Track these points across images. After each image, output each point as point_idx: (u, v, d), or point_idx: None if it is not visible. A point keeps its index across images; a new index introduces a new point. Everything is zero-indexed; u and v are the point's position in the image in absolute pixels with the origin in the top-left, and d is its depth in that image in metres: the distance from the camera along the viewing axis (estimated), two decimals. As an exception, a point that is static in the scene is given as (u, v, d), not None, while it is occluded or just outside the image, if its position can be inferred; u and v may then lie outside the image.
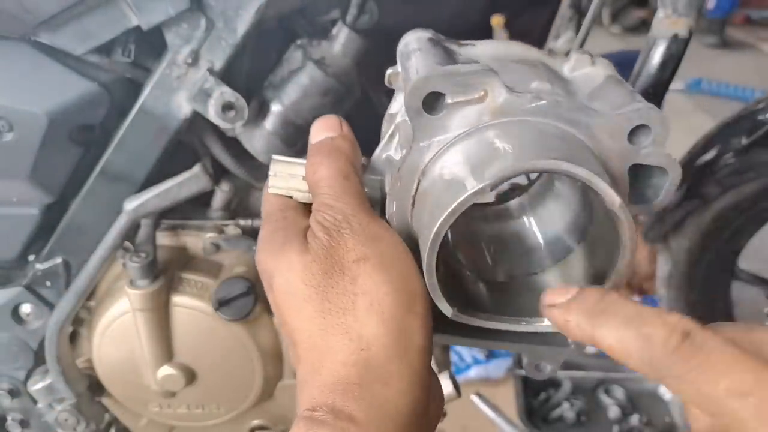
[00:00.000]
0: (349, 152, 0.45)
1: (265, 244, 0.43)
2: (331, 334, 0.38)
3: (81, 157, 0.74)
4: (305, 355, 0.39)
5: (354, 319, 0.38)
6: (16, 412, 0.90)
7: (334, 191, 0.42)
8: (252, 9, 0.66)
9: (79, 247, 0.78)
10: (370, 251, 0.39)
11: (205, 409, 0.89)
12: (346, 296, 0.38)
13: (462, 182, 0.38)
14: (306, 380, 0.38)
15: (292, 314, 0.39)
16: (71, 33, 0.68)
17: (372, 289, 0.38)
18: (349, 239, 0.40)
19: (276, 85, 0.74)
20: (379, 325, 0.38)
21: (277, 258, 0.41)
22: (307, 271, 0.39)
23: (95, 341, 0.84)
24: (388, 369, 0.37)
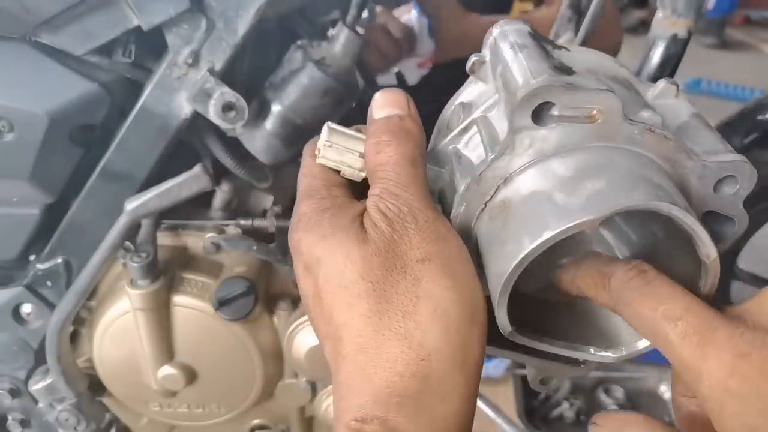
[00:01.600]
0: (418, 137, 0.40)
1: (309, 223, 0.38)
2: (387, 338, 0.34)
3: (81, 158, 0.74)
4: (353, 356, 0.35)
5: (415, 324, 0.34)
6: (16, 411, 0.90)
7: (400, 179, 0.38)
8: (252, 9, 0.66)
9: (80, 247, 0.78)
10: (435, 252, 0.36)
11: (205, 408, 0.89)
12: (408, 298, 0.35)
13: (562, 208, 0.35)
14: (352, 385, 0.35)
15: (342, 308, 0.35)
16: (72, 33, 0.68)
17: (437, 293, 0.35)
18: (413, 235, 0.36)
19: (276, 85, 0.74)
20: (442, 334, 0.34)
21: (328, 243, 0.36)
22: (366, 263, 0.35)
23: (96, 341, 0.84)
24: (448, 384, 0.34)
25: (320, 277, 0.36)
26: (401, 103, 0.41)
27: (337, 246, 0.36)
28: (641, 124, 0.37)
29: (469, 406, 0.35)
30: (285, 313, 0.83)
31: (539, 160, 0.38)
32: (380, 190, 0.38)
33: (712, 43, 4.16)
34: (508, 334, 0.39)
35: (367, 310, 0.35)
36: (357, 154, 0.41)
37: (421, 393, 0.34)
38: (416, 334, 0.34)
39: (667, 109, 0.41)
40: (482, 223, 0.40)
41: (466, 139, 0.43)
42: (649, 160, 0.38)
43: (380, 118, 0.41)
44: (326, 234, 0.37)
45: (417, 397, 0.33)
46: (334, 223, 0.37)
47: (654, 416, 0.38)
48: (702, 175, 0.38)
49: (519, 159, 0.38)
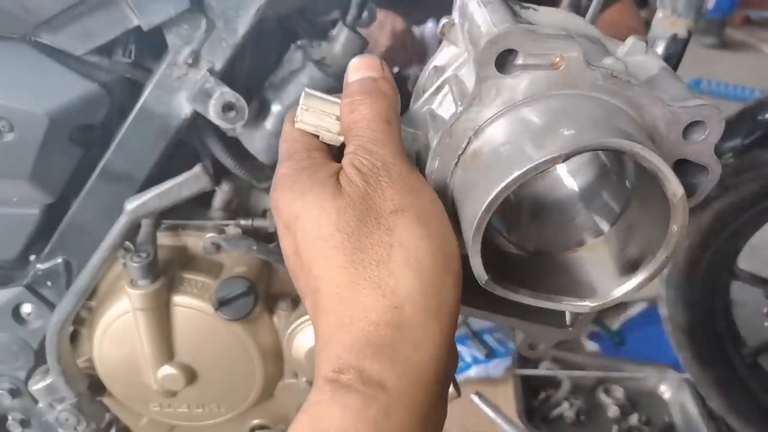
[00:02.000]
0: (391, 97, 0.41)
1: (288, 182, 0.39)
2: (362, 288, 0.35)
3: (81, 158, 0.74)
4: (330, 306, 0.36)
5: (388, 272, 0.35)
6: (16, 411, 0.90)
7: (374, 135, 0.39)
8: (252, 9, 0.66)
9: (80, 247, 0.78)
10: (409, 203, 0.37)
11: (205, 408, 0.89)
12: (382, 247, 0.36)
13: (528, 150, 0.36)
14: (330, 336, 0.35)
15: (319, 261, 0.36)
16: (72, 33, 0.68)
17: (410, 242, 0.36)
18: (387, 188, 0.37)
19: (276, 85, 0.74)
20: (415, 282, 0.35)
21: (305, 198, 0.37)
22: (341, 216, 0.36)
23: (96, 341, 0.84)
24: (421, 331, 0.35)
25: (298, 232, 0.37)
26: (375, 66, 0.42)
27: (313, 201, 0.37)
28: (603, 69, 0.38)
29: (445, 353, 0.36)
30: (285, 313, 0.83)
31: (507, 110, 0.39)
32: (355, 147, 0.39)
33: (712, 43, 4.16)
34: (484, 283, 0.40)
35: (343, 261, 0.36)
36: (334, 118, 0.42)
37: (395, 341, 0.34)
38: (390, 282, 0.35)
39: (637, 65, 0.42)
40: (456, 177, 0.41)
41: (439, 98, 0.45)
42: (614, 106, 0.39)
43: (355, 80, 0.42)
44: (304, 190, 0.38)
45: (392, 345, 0.34)
46: (312, 179, 0.38)
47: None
48: (670, 121, 0.39)
49: (488, 110, 0.39)
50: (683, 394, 1.49)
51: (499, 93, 0.39)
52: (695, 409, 1.43)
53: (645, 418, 1.46)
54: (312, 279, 0.37)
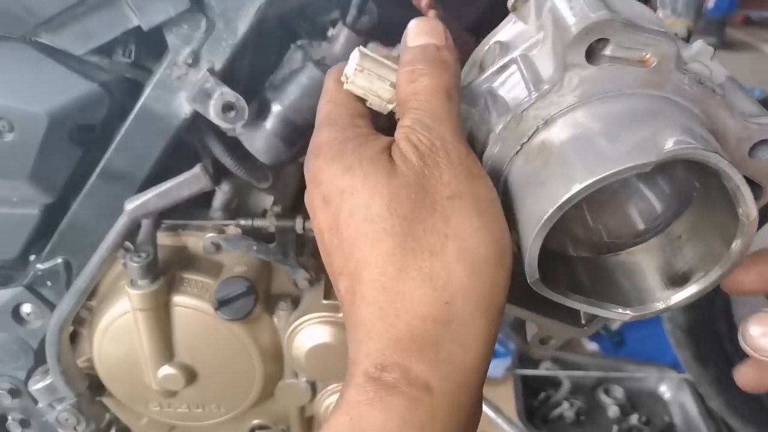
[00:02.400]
0: (454, 69, 0.37)
1: (331, 152, 0.36)
2: (411, 278, 0.32)
3: (81, 158, 0.74)
4: (373, 295, 0.33)
5: (441, 264, 0.32)
6: (16, 411, 0.90)
7: (434, 110, 0.35)
8: (252, 9, 0.66)
9: (80, 247, 0.78)
10: (466, 190, 0.34)
11: (205, 408, 0.89)
12: (436, 236, 0.33)
13: (617, 151, 0.33)
14: (372, 327, 0.33)
15: (364, 244, 0.33)
16: (72, 33, 0.68)
17: (466, 232, 0.33)
18: (445, 170, 0.34)
19: (276, 85, 0.74)
20: (469, 276, 0.32)
21: (354, 174, 0.34)
22: (394, 197, 0.33)
23: (96, 341, 0.84)
24: (471, 329, 0.32)
25: (343, 210, 0.34)
26: (438, 32, 0.38)
27: (363, 178, 0.34)
28: (693, 74, 0.36)
29: (489, 353, 0.34)
30: (285, 313, 0.83)
31: (586, 102, 0.36)
32: (412, 120, 0.35)
33: (712, 43, 4.14)
34: (533, 282, 0.37)
35: (392, 247, 0.33)
36: (387, 83, 0.38)
37: (442, 339, 0.32)
38: (442, 275, 0.32)
39: (704, 71, 0.40)
40: (515, 165, 0.38)
41: (502, 78, 0.41)
42: (693, 113, 0.37)
43: (416, 46, 0.38)
44: (352, 165, 0.35)
45: (439, 343, 0.32)
46: (361, 154, 0.35)
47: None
48: (741, 137, 0.37)
49: (565, 99, 0.36)
50: (683, 394, 1.49)
51: (581, 84, 0.36)
52: (695, 409, 1.43)
53: (645, 418, 1.46)
54: (353, 262, 0.34)
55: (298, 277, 0.83)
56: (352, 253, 0.34)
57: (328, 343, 0.81)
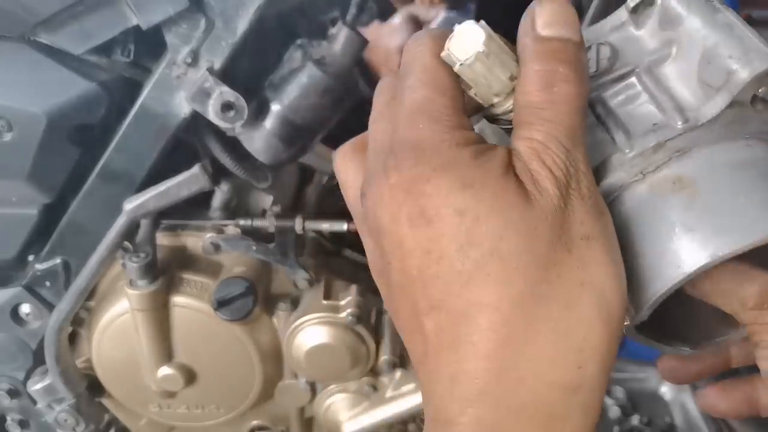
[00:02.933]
0: (587, 78, 0.31)
1: (441, 158, 0.28)
2: (542, 333, 0.27)
3: (80, 157, 0.74)
4: (491, 348, 0.27)
5: (578, 320, 0.27)
6: (15, 412, 0.90)
7: (573, 129, 0.29)
8: (252, 8, 0.66)
9: (79, 247, 0.78)
10: (599, 229, 0.28)
11: (204, 409, 0.89)
12: (572, 284, 0.27)
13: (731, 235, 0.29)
14: (485, 387, 0.27)
15: (487, 283, 0.27)
16: (70, 32, 0.68)
17: (602, 282, 0.28)
18: (578, 205, 0.28)
19: (276, 84, 0.74)
20: (606, 334, 0.27)
21: (478, 194, 0.27)
22: (531, 232, 0.27)
23: (95, 341, 0.83)
24: (596, 394, 0.28)
25: (459, 235, 0.27)
26: (576, 25, 0.31)
27: (492, 200, 0.27)
28: None
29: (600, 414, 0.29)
30: (285, 313, 0.83)
31: (740, 138, 0.32)
32: (546, 136, 0.29)
33: (713, 42, 4.15)
34: (631, 331, 0.34)
35: (522, 293, 0.27)
36: (507, 75, 0.31)
37: (567, 408, 0.27)
38: (579, 332, 0.27)
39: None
40: (635, 193, 0.33)
41: (617, 88, 0.36)
42: None
43: (555, 39, 0.30)
44: (473, 181, 0.28)
45: (564, 413, 0.27)
46: (483, 169, 0.28)
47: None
48: None
49: (713, 134, 0.32)
50: (684, 394, 1.48)
51: (735, 122, 0.33)
52: (696, 410, 1.42)
53: (646, 419, 1.46)
54: (463, 301, 0.27)
55: (298, 278, 0.83)
56: (464, 291, 0.27)
57: (328, 343, 0.80)
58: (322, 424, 0.90)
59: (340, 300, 0.82)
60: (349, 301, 0.81)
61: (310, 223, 0.81)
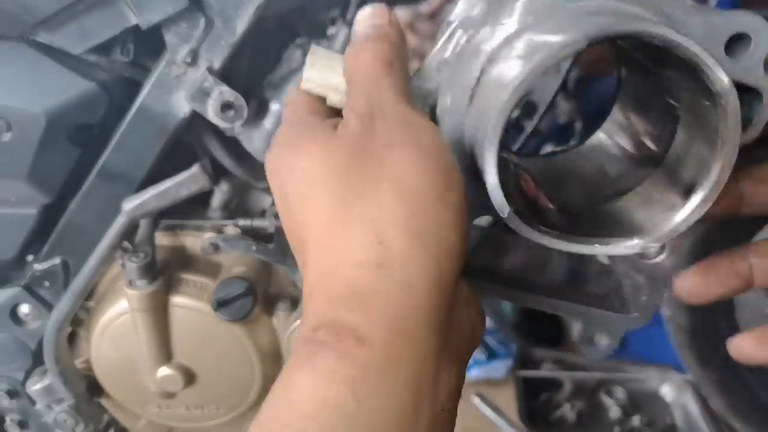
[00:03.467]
0: (395, 39, 0.39)
1: (284, 141, 0.37)
2: (351, 229, 0.31)
3: (79, 157, 0.73)
4: (316, 257, 0.32)
5: (378, 206, 0.31)
6: (14, 413, 0.90)
7: (373, 77, 0.36)
8: (251, 8, 0.65)
9: (78, 248, 0.78)
10: (405, 137, 0.33)
11: (204, 409, 0.89)
12: (371, 181, 0.32)
13: (548, 41, 0.33)
14: (312, 289, 0.32)
15: (306, 206, 0.33)
16: (70, 32, 0.68)
17: (403, 172, 0.32)
18: (380, 125, 0.34)
19: (275, 84, 0.74)
20: (406, 213, 0.31)
21: (298, 152, 0.34)
22: (330, 155, 0.33)
23: (94, 342, 0.83)
24: (412, 270, 0.30)
25: (289, 187, 0.34)
26: (383, 14, 0.41)
27: (304, 150, 0.34)
28: None
29: (445, 299, 0.31)
30: (284, 313, 0.83)
31: (528, 27, 0.36)
32: (353, 92, 0.37)
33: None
34: (506, 216, 0.36)
35: (331, 201, 0.32)
36: (341, 72, 0.39)
37: (376, 283, 0.30)
38: (380, 217, 0.31)
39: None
40: (471, 112, 0.38)
41: (450, 47, 0.41)
42: (639, 12, 0.35)
43: (360, 29, 0.40)
44: (296, 145, 0.35)
45: (374, 289, 0.30)
46: (307, 135, 0.36)
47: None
48: (708, 34, 0.34)
49: (501, 33, 0.37)
50: (685, 395, 1.48)
51: (514, 11, 0.36)
52: (697, 410, 1.42)
53: (647, 420, 1.46)
54: (300, 229, 0.33)
55: (298, 278, 0.83)
56: (297, 221, 0.34)
57: (327, 343, 0.80)
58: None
59: (340, 300, 0.82)
60: (348, 301, 0.81)
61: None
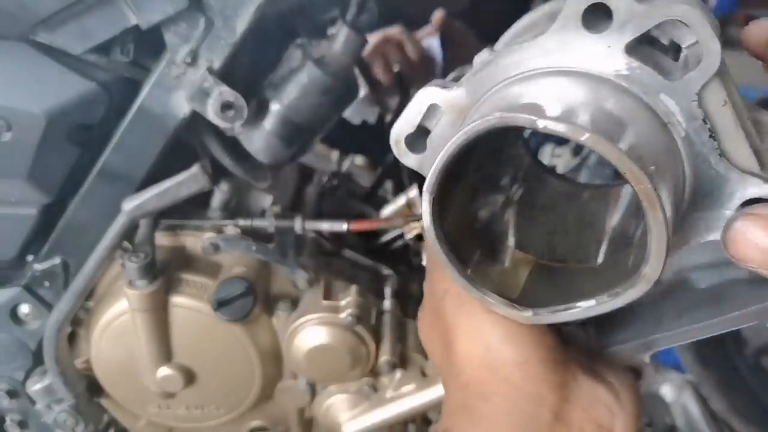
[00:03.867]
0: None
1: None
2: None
3: (79, 157, 0.73)
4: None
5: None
6: (14, 413, 0.90)
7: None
8: (251, 8, 0.65)
9: (78, 248, 0.78)
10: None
11: (204, 409, 0.88)
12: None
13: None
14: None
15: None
16: (70, 32, 0.67)
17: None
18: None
19: (275, 84, 0.73)
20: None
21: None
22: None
23: (94, 342, 0.83)
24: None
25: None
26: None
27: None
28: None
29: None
30: (284, 313, 0.83)
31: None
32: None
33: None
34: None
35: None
36: None
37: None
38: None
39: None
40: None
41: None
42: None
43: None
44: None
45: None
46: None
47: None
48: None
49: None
50: (685, 395, 1.48)
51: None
52: (697, 411, 1.42)
53: (647, 420, 1.45)
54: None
55: (298, 278, 0.83)
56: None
57: (327, 344, 0.80)
58: (322, 424, 0.90)
59: (340, 300, 0.81)
60: (348, 301, 0.81)
61: (310, 223, 0.81)
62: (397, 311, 0.86)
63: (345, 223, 0.81)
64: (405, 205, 0.88)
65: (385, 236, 0.92)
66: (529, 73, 0.37)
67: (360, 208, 0.95)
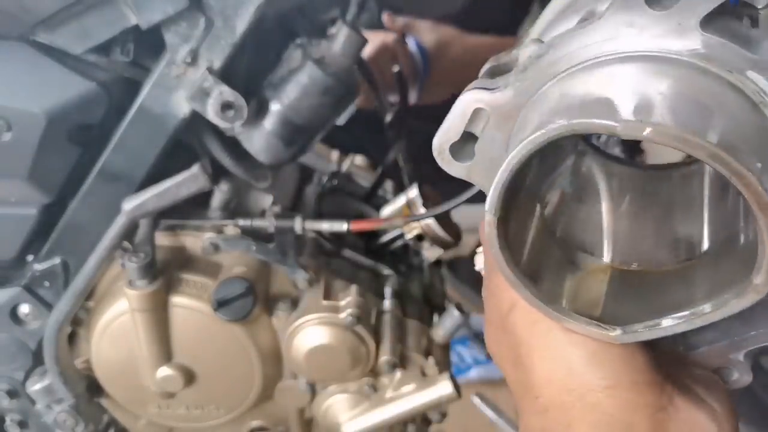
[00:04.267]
0: None
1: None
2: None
3: (79, 157, 0.73)
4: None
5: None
6: (14, 413, 0.90)
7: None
8: (251, 8, 0.65)
9: (78, 248, 0.78)
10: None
11: (204, 410, 0.88)
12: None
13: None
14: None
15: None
16: (70, 32, 0.67)
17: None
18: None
19: (275, 84, 0.73)
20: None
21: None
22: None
23: (94, 342, 0.83)
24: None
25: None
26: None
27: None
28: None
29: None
30: (284, 313, 0.83)
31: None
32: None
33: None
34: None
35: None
36: None
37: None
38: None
39: None
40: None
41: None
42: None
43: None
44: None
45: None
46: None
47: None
48: None
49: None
50: (685, 395, 1.48)
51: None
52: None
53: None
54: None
55: (298, 278, 0.83)
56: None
57: (327, 344, 0.80)
58: (322, 424, 0.90)
59: (340, 300, 0.81)
60: (348, 301, 0.81)
61: (310, 223, 0.81)
62: (397, 311, 0.86)
63: (345, 223, 0.81)
64: (405, 205, 0.88)
65: (385, 236, 0.93)
66: (588, 64, 0.33)
67: (360, 208, 0.95)
